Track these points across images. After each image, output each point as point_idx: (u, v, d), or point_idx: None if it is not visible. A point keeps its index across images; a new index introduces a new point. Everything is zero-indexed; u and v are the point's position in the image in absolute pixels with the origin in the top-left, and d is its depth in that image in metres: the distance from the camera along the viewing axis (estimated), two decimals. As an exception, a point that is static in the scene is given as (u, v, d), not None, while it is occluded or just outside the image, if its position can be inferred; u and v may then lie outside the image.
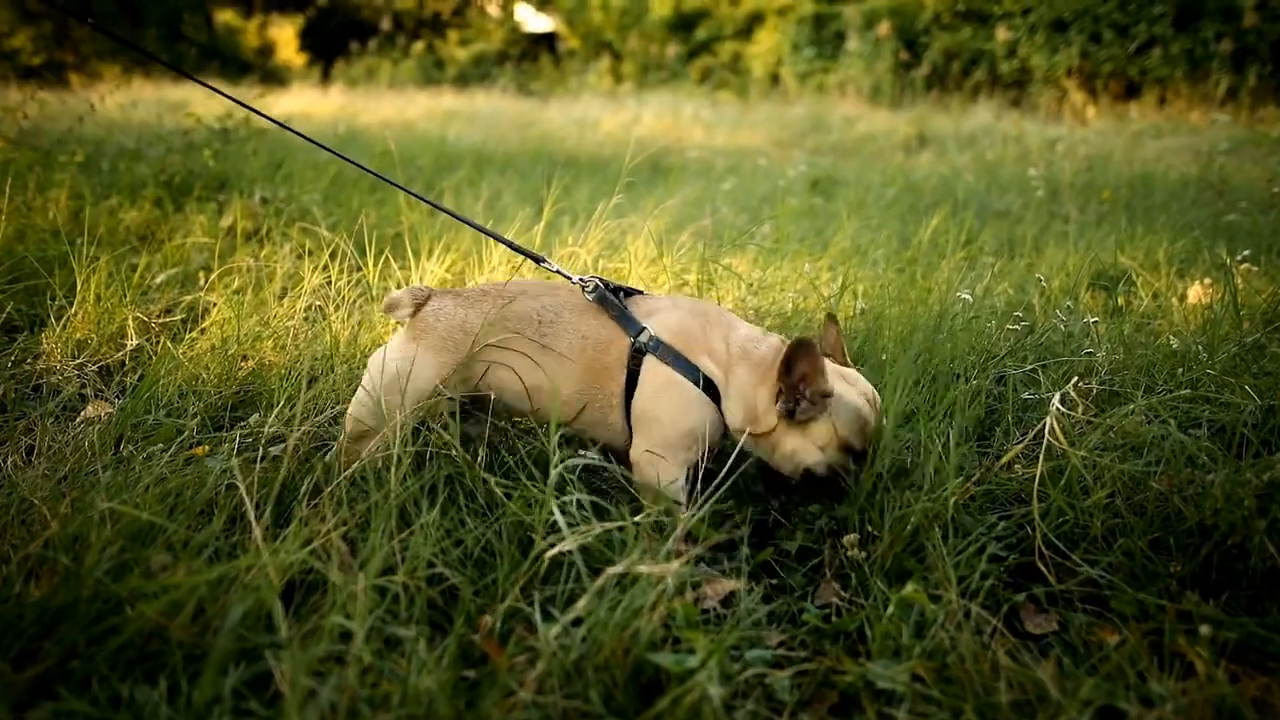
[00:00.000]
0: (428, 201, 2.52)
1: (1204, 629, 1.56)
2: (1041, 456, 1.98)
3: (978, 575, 1.84)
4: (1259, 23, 12.37)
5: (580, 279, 2.20)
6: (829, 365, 2.01)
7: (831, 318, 2.19)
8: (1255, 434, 2.21)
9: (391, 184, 2.48)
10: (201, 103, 8.07)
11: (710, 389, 2.03)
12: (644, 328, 2.07)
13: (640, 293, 2.23)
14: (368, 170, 2.52)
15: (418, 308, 2.16)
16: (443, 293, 2.20)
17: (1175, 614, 1.73)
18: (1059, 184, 6.76)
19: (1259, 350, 2.82)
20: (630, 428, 2.08)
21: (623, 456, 2.11)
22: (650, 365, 2.05)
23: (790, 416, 1.97)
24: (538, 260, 2.35)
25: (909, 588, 1.71)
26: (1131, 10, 13.40)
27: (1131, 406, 2.08)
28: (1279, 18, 12.34)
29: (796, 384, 1.95)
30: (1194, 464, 2.09)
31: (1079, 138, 10.20)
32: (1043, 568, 1.90)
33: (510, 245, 2.42)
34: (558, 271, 2.27)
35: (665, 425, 2.02)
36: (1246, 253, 3.85)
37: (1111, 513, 2.02)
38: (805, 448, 1.98)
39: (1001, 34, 14.41)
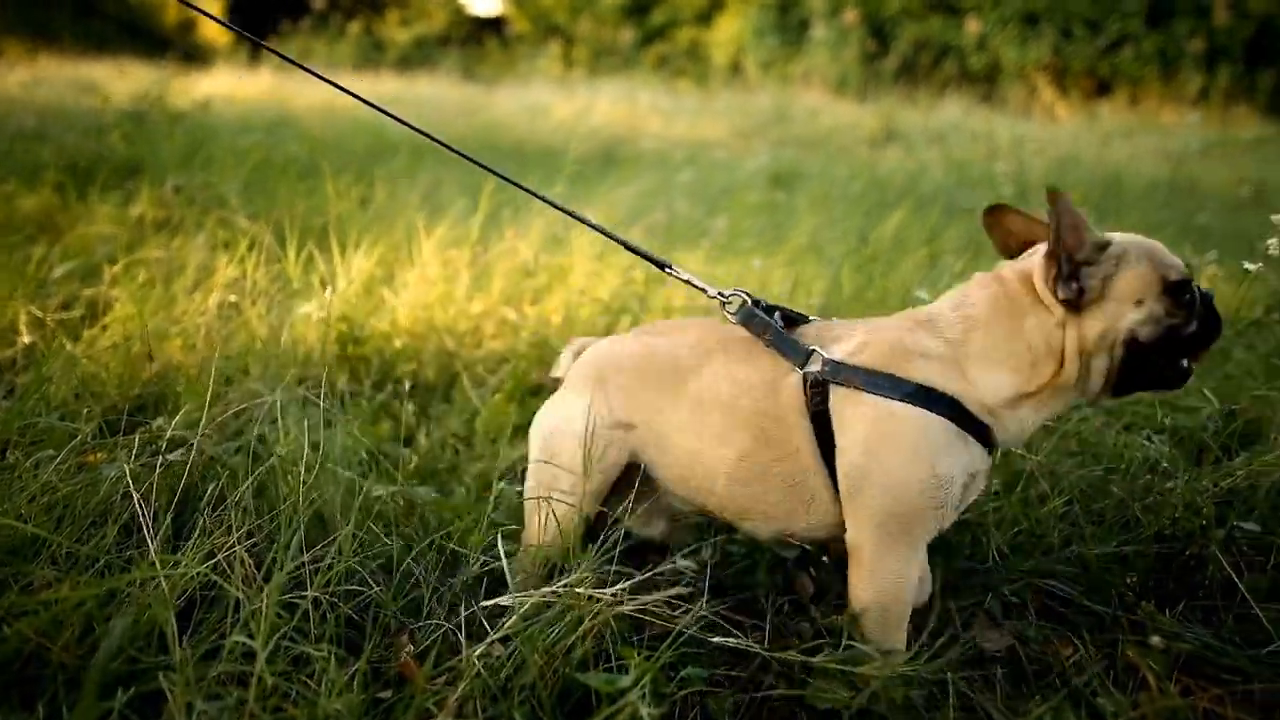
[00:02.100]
0: (530, 191, 2.16)
1: (1154, 640, 1.60)
2: (994, 462, 2.01)
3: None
4: (1230, 21, 12.80)
5: (720, 293, 1.82)
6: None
7: (1053, 190, 1.62)
8: (1215, 439, 2.28)
9: (497, 173, 2.10)
10: (113, 82, 7.88)
11: (954, 409, 1.60)
12: (812, 349, 1.67)
13: (806, 319, 1.81)
14: (457, 151, 2.09)
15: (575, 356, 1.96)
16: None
17: (1129, 625, 1.77)
18: (1028, 183, 6.91)
19: (1223, 354, 2.91)
20: (840, 501, 1.65)
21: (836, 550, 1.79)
22: (843, 398, 1.62)
23: (1080, 297, 1.60)
24: (661, 265, 1.96)
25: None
26: (1103, 5, 13.77)
27: (1088, 410, 2.12)
28: (1249, 16, 12.77)
29: (1071, 254, 1.60)
30: (1154, 470, 2.15)
31: (1049, 136, 10.44)
32: (996, 581, 1.94)
33: (631, 248, 2.01)
34: (687, 281, 1.90)
35: (895, 486, 1.57)
36: (1213, 254, 3.96)
37: (1069, 521, 2.06)
38: (1117, 314, 1.61)
39: (972, 26, 14.72)
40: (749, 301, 1.77)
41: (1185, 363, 1.68)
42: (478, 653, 1.49)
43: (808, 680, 1.58)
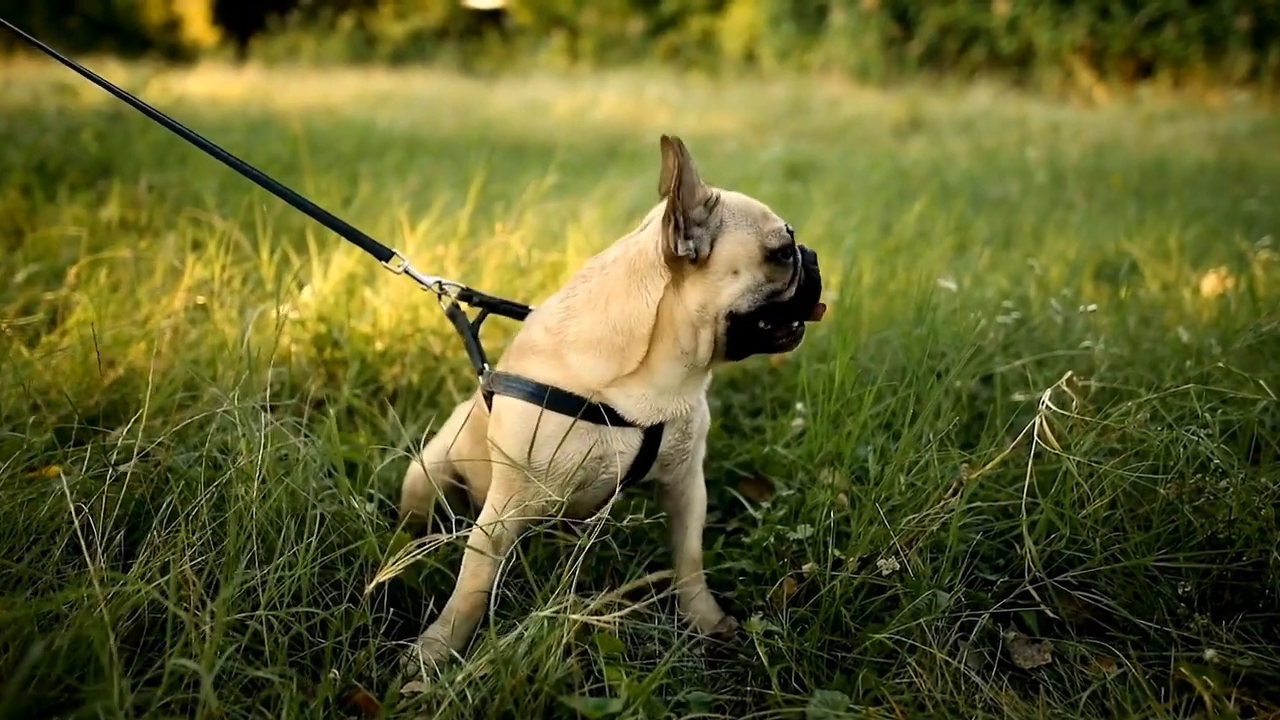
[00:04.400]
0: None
1: (1209, 654, 1.52)
2: (1030, 462, 1.94)
3: (961, 600, 1.79)
4: (1280, -4, 12.66)
5: (438, 283, 2.00)
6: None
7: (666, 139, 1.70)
8: (1273, 435, 2.19)
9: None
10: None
11: (558, 399, 1.74)
12: (484, 364, 1.89)
13: (528, 310, 1.95)
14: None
15: None
16: None
17: (1181, 640, 1.69)
18: (1063, 169, 6.83)
19: (1278, 343, 2.82)
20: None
21: None
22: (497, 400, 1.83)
23: (695, 258, 1.67)
24: (383, 256, 2.05)
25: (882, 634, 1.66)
26: (1143, -19, 13.67)
27: (1131, 404, 2.04)
28: (1300, -9, 12.65)
29: (686, 211, 1.66)
30: (1205, 469, 2.06)
31: (1086, 122, 10.35)
32: (1033, 592, 1.86)
33: (350, 235, 2.06)
34: (406, 272, 2.03)
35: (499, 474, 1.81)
36: (1266, 240, 3.88)
37: (1111, 526, 1.98)
38: (716, 286, 1.69)
39: (1001, 7, 14.62)
40: (457, 301, 1.98)
41: (796, 325, 1.79)
42: (459, 678, 1.43)
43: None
